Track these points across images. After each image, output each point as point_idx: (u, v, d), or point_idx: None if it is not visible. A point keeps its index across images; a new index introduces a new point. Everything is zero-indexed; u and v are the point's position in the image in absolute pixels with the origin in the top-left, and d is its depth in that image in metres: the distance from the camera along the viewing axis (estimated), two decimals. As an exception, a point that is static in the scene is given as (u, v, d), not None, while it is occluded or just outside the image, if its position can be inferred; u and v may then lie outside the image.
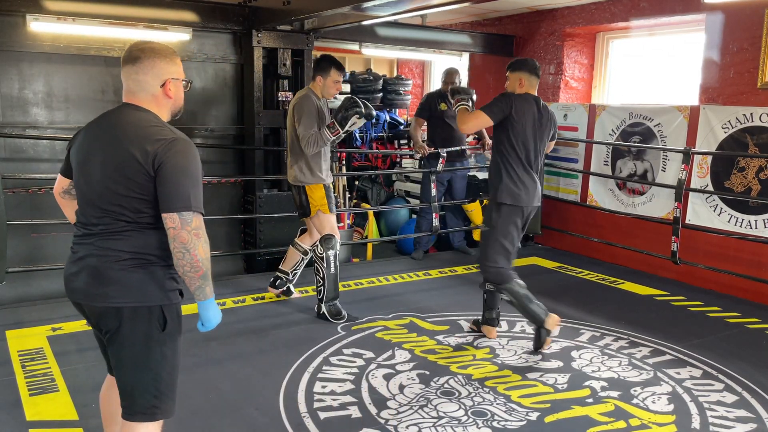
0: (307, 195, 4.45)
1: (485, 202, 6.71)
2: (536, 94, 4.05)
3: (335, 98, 5.36)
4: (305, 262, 4.88)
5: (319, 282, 4.50)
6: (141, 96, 2.14)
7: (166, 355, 2.13)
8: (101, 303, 2.08)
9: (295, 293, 5.01)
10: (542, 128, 3.99)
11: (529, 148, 3.94)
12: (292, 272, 4.89)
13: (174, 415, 2.25)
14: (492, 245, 4.01)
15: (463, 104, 4.12)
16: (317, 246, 4.48)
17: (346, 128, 4.26)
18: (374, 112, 4.40)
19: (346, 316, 4.51)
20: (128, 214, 2.05)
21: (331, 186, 4.61)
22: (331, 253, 4.43)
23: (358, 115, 4.23)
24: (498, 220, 3.98)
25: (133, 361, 2.11)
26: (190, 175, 2.05)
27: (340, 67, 4.41)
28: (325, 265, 4.43)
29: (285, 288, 4.95)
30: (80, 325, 4.33)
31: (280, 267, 4.92)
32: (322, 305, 4.49)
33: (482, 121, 3.96)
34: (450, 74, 6.24)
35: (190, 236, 2.01)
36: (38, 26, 4.94)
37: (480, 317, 4.32)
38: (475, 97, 4.24)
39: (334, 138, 4.29)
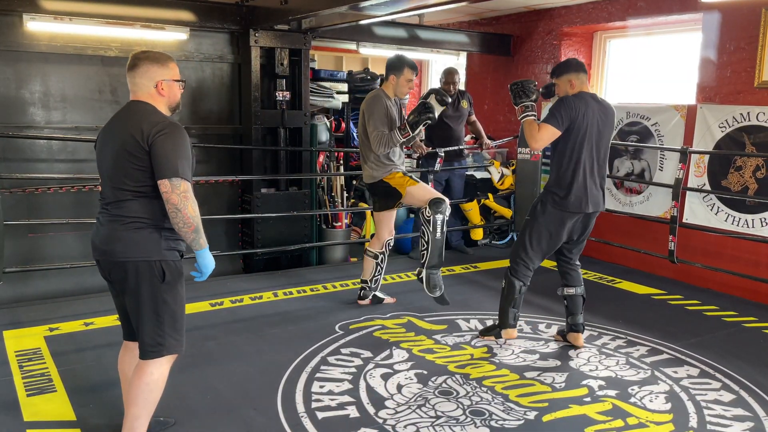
0: (389, 184, 4.46)
1: (482, 201, 6.73)
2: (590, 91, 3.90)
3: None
4: (383, 267, 4.82)
5: (423, 245, 4.38)
6: (141, 94, 2.63)
7: (166, 301, 2.58)
8: (110, 258, 2.57)
9: (386, 299, 4.91)
10: (606, 125, 3.83)
11: (593, 149, 3.78)
12: (372, 280, 4.81)
13: (182, 352, 2.70)
14: (527, 238, 3.94)
15: (529, 115, 3.82)
16: (425, 209, 4.35)
17: (416, 132, 4.33)
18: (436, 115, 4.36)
19: (441, 293, 4.43)
20: (131, 184, 2.51)
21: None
22: (439, 217, 4.30)
23: (429, 121, 4.30)
24: (542, 218, 3.87)
25: (139, 307, 2.57)
26: (178, 149, 2.49)
27: (413, 66, 4.44)
28: (431, 228, 4.31)
29: (371, 296, 4.87)
30: (78, 325, 4.34)
31: (361, 278, 4.88)
32: (423, 270, 4.42)
33: (552, 135, 3.71)
34: (450, 74, 6.24)
35: (180, 198, 2.45)
36: (35, 26, 4.93)
37: (564, 326, 4.20)
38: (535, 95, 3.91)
39: (404, 140, 4.34)
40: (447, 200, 4.42)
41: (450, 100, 4.55)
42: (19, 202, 5.17)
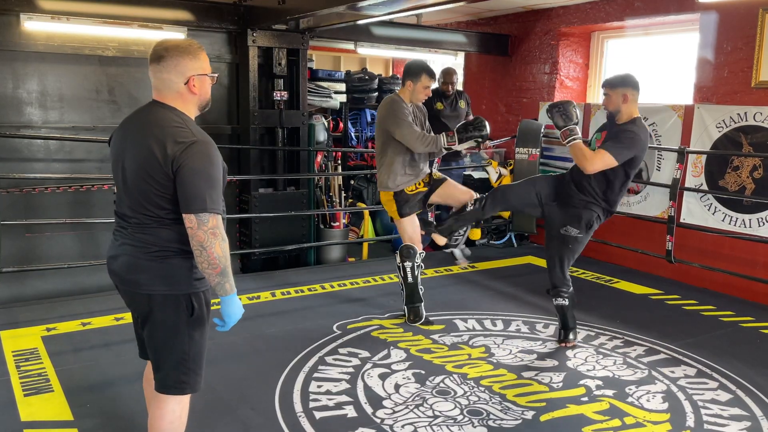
0: (382, 201, 4.47)
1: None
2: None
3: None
4: (469, 218, 4.54)
5: (401, 286, 4.52)
6: (166, 94, 2.22)
7: (193, 338, 2.28)
8: (134, 289, 2.26)
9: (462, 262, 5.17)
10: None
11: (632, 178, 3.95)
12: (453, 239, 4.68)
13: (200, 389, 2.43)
14: (565, 261, 4.03)
15: (575, 139, 3.81)
16: (397, 255, 4.47)
17: (462, 146, 4.29)
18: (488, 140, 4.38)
19: (425, 319, 4.48)
20: (153, 210, 2.18)
21: (417, 188, 4.44)
22: (407, 264, 4.41)
23: (480, 139, 4.27)
24: (584, 240, 3.98)
25: (164, 343, 2.28)
26: (207, 177, 2.13)
27: (431, 73, 4.35)
28: (402, 274, 4.45)
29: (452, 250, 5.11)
30: (75, 325, 4.33)
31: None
32: (404, 306, 4.50)
33: (607, 165, 3.75)
34: (448, 74, 6.23)
35: (207, 235, 2.11)
36: (32, 25, 4.92)
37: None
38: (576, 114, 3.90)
39: (446, 149, 4.26)
40: (417, 248, 4.44)
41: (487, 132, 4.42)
42: (16, 202, 5.16)
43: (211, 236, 2.12)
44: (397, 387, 3.48)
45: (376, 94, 8.09)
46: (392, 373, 3.66)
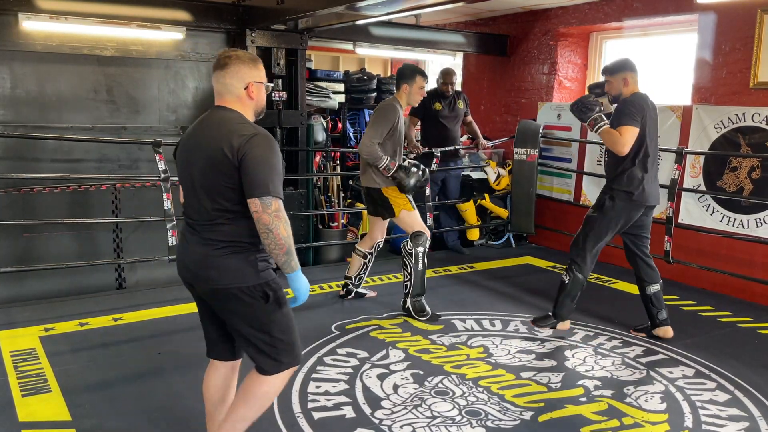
0: (386, 196, 4.53)
1: (479, 201, 6.73)
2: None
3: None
4: (368, 266, 4.94)
5: (407, 277, 4.59)
6: (227, 98, 2.44)
7: (275, 320, 2.45)
8: (206, 284, 2.41)
9: (368, 293, 5.06)
10: (657, 121, 4.10)
11: (655, 146, 4.04)
12: (356, 277, 4.94)
13: (300, 362, 2.61)
14: (592, 235, 4.11)
15: (602, 125, 3.96)
16: (407, 242, 4.56)
17: (394, 174, 4.43)
18: (421, 183, 4.56)
19: (430, 313, 4.58)
20: (224, 204, 2.34)
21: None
22: (420, 249, 4.51)
23: (413, 180, 4.46)
24: (612, 212, 4.04)
25: (248, 331, 2.45)
26: (269, 164, 2.30)
27: (424, 75, 4.54)
28: (413, 261, 4.52)
29: (353, 293, 4.98)
30: (73, 326, 4.32)
31: (345, 274, 4.98)
32: (408, 300, 4.59)
33: (634, 134, 3.88)
34: (447, 74, 6.24)
35: (271, 218, 2.27)
36: (30, 25, 4.91)
37: (648, 324, 4.34)
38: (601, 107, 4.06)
39: (384, 169, 4.41)
40: (428, 233, 4.58)
41: (422, 183, 4.64)
42: (14, 202, 5.15)
43: (275, 218, 2.27)
44: (395, 387, 3.48)
45: (375, 94, 8.09)
46: (391, 373, 3.66)
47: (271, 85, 2.55)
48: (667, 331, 4.27)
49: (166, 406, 3.25)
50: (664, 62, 6.42)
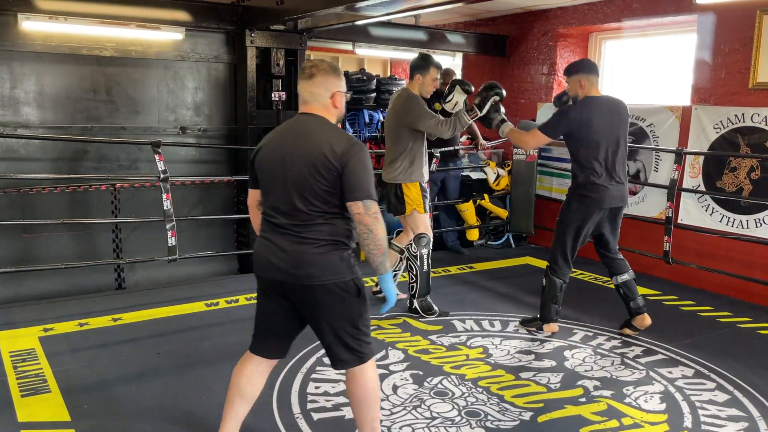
0: (404, 193, 4.52)
1: (478, 202, 6.73)
2: (600, 93, 4.13)
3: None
4: (404, 262, 4.93)
5: (412, 278, 4.62)
6: (314, 105, 2.56)
7: (362, 313, 2.59)
8: (306, 282, 2.48)
9: (399, 294, 4.96)
10: (619, 123, 4.08)
11: (608, 150, 4.01)
12: (392, 273, 4.87)
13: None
14: (563, 235, 4.17)
15: (506, 125, 4.22)
16: (411, 244, 4.58)
17: (485, 109, 4.32)
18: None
19: (437, 311, 4.63)
20: (320, 206, 2.46)
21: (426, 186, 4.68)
22: (424, 251, 4.55)
23: (498, 97, 4.30)
24: (569, 215, 4.12)
25: (339, 324, 2.54)
26: (369, 170, 2.48)
27: (438, 65, 4.51)
28: (418, 263, 4.55)
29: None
30: (72, 326, 4.32)
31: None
32: (415, 300, 4.62)
33: (540, 142, 4.19)
34: (446, 74, 6.23)
35: (372, 219, 2.42)
36: (30, 25, 4.92)
37: (627, 319, 4.36)
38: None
39: (471, 121, 4.36)
40: (430, 234, 4.63)
41: (473, 88, 4.54)
42: (13, 202, 5.15)
43: (374, 220, 2.42)
44: (395, 388, 3.48)
45: (375, 94, 8.09)
46: (390, 374, 3.66)
47: (350, 93, 2.69)
48: (644, 319, 4.27)
49: (166, 405, 3.24)
50: (663, 63, 6.43)
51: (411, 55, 7.18)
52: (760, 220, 5.17)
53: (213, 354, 3.91)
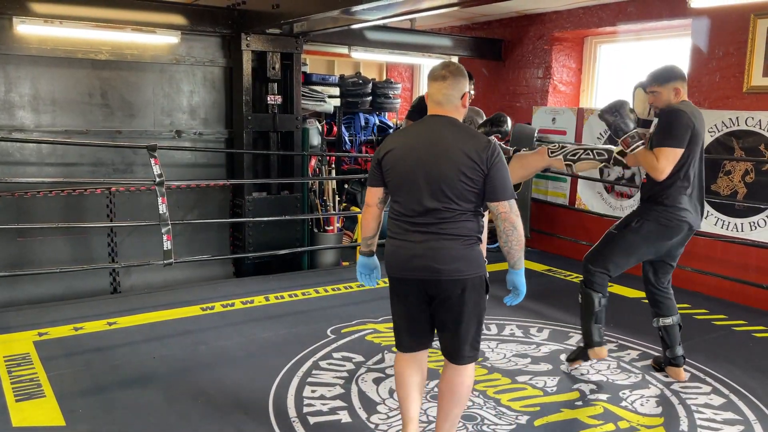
0: None
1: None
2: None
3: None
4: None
5: None
6: (447, 107, 2.65)
7: (484, 309, 2.74)
8: (453, 276, 2.57)
9: None
10: (703, 139, 3.50)
11: (702, 162, 3.52)
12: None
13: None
14: (614, 249, 3.62)
15: (639, 145, 3.44)
16: None
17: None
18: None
19: None
20: (462, 204, 2.56)
21: None
22: None
23: (500, 135, 4.01)
24: (640, 233, 3.53)
25: (469, 318, 2.65)
26: (508, 170, 2.61)
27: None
28: None
29: None
30: (67, 330, 4.30)
31: None
32: None
33: (675, 158, 3.34)
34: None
35: (516, 217, 2.58)
36: (25, 29, 4.90)
37: (661, 355, 3.87)
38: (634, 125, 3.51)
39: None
40: None
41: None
42: (8, 206, 5.14)
43: (517, 218, 2.58)
44: (391, 392, 3.47)
45: (370, 98, 8.10)
46: (387, 377, 3.65)
47: (473, 93, 2.77)
48: (679, 373, 3.71)
49: (161, 410, 3.23)
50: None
51: (406, 58, 7.23)
52: (754, 223, 5.18)
53: (209, 358, 3.90)
